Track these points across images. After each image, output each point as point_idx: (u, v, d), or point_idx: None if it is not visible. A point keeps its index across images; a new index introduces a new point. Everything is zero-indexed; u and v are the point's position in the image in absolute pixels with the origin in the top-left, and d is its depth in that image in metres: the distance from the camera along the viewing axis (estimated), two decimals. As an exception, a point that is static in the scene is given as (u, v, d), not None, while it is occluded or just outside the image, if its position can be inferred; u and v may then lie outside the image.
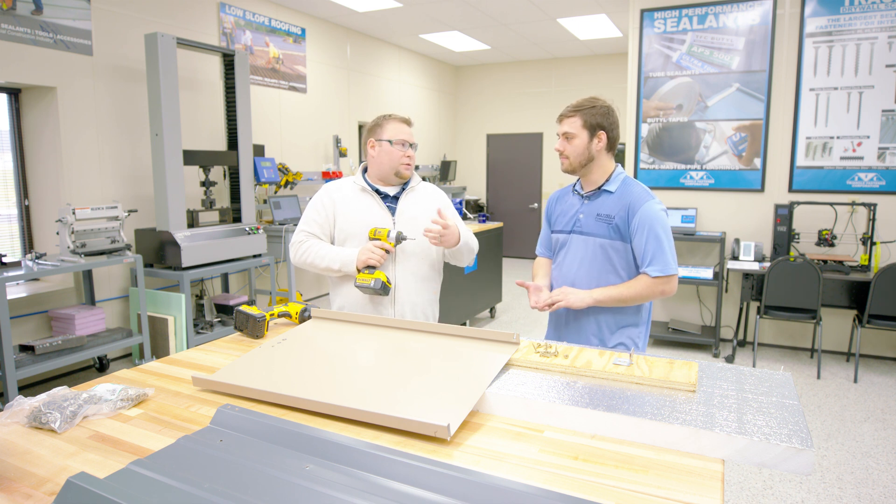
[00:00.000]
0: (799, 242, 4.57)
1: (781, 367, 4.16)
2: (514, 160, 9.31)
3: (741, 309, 4.78)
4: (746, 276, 4.54)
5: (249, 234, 4.67)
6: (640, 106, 5.08)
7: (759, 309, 4.36)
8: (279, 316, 1.92)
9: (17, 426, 1.19)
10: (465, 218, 6.56)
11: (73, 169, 4.16)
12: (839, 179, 4.54)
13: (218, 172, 4.99)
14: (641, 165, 5.15)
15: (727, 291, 4.93)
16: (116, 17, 4.39)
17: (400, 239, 2.00)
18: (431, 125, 8.93)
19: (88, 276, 4.13)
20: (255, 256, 4.78)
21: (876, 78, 4.36)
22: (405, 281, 2.07)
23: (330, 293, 2.20)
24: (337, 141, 6.71)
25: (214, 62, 5.13)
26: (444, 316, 2.37)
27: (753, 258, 4.63)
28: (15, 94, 4.09)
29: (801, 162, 4.63)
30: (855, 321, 4.40)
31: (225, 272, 4.82)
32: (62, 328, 3.89)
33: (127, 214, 4.05)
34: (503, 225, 6.20)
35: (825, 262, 4.38)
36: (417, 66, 8.46)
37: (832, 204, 4.45)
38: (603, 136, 1.92)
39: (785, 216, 4.46)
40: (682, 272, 4.64)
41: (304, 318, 1.89)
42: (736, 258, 4.69)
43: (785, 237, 4.47)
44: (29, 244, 4.20)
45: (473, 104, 9.51)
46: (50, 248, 4.08)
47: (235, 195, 4.88)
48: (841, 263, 4.33)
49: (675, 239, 1.93)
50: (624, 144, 5.17)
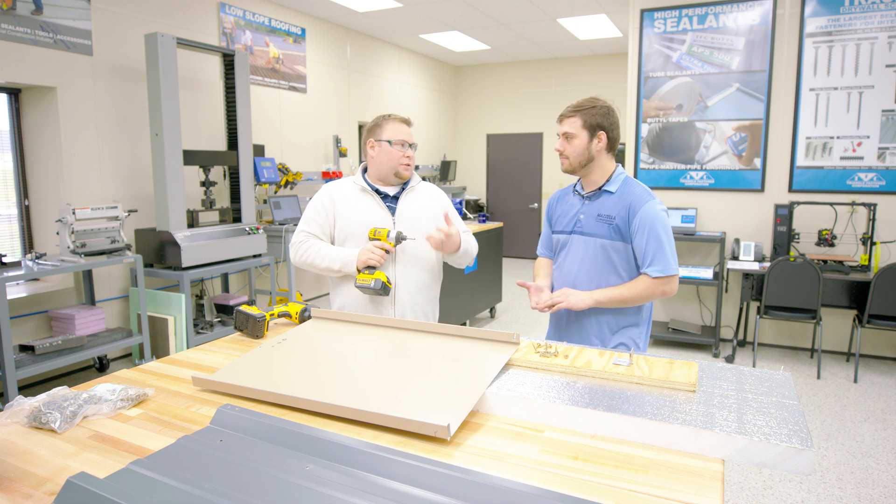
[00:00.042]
0: (799, 242, 4.57)
1: (781, 367, 4.16)
2: (514, 160, 9.31)
3: (741, 309, 4.78)
4: (746, 276, 4.54)
5: (249, 234, 4.67)
6: (640, 106, 5.08)
7: (759, 309, 4.36)
8: (279, 316, 1.92)
9: (17, 426, 1.19)
10: (465, 218, 6.56)
11: (73, 169, 4.16)
12: (839, 179, 4.54)
13: (218, 172, 4.99)
14: (641, 165, 5.15)
15: (727, 291, 4.93)
16: (116, 17, 4.39)
17: (400, 239, 2.00)
18: (431, 125, 8.93)
19: (88, 276, 4.14)
20: (255, 256, 4.78)
21: (876, 78, 4.36)
22: (405, 281, 2.07)
23: (330, 293, 2.20)
24: (337, 141, 6.71)
25: (214, 62, 5.13)
26: (444, 316, 2.37)
27: (753, 258, 4.63)
28: (15, 94, 4.09)
29: (801, 162, 4.64)
30: (855, 321, 4.40)
31: (225, 272, 4.82)
32: (62, 328, 3.89)
33: (127, 214, 4.05)
34: (503, 225, 6.20)
35: (825, 262, 4.38)
36: (417, 66, 8.46)
37: (832, 204, 4.45)
38: (603, 136, 1.92)
39: (785, 216, 4.46)
40: (682, 272, 4.64)
41: (304, 318, 1.89)
42: (736, 258, 4.69)
43: (785, 237, 4.47)
44: (29, 244, 4.20)
45: (473, 104, 9.50)
46: (50, 248, 4.09)
47: (235, 195, 4.89)
48: (841, 263, 4.33)
49: (675, 239, 1.93)
50: (624, 144, 5.17)
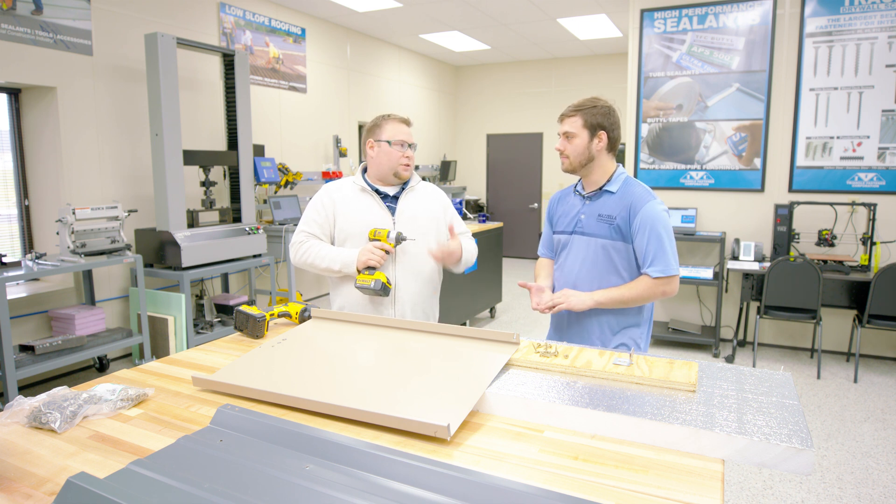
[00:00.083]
0: (799, 242, 4.56)
1: (781, 367, 4.16)
2: (514, 160, 9.31)
3: (741, 309, 4.78)
4: (746, 276, 4.54)
5: (249, 234, 4.67)
6: (640, 106, 5.08)
7: (759, 309, 4.36)
8: (279, 316, 1.92)
9: (17, 426, 1.19)
10: (465, 218, 6.55)
11: (73, 169, 4.16)
12: (839, 179, 4.54)
13: (218, 172, 4.99)
14: (641, 165, 5.15)
15: (727, 291, 4.93)
16: (116, 17, 4.39)
17: (400, 240, 2.00)
18: (431, 125, 8.93)
19: (88, 276, 4.14)
20: (255, 256, 4.78)
21: (876, 78, 4.36)
22: (405, 281, 2.07)
23: (330, 293, 2.20)
24: (337, 141, 6.71)
25: (214, 62, 5.13)
26: (444, 316, 2.37)
27: (753, 258, 4.63)
28: (15, 94, 4.09)
29: (801, 162, 4.63)
30: (855, 321, 4.40)
31: (225, 272, 4.82)
32: (62, 328, 3.89)
33: (127, 214, 4.05)
34: (503, 225, 6.20)
35: (825, 262, 4.38)
36: (417, 66, 8.46)
37: (832, 204, 4.45)
38: (603, 135, 1.92)
39: (785, 216, 4.46)
40: (682, 272, 4.63)
41: (304, 318, 1.89)
42: (736, 258, 4.69)
43: (785, 237, 4.47)
44: (29, 244, 4.20)
45: (473, 104, 9.50)
46: (50, 248, 4.08)
47: (235, 195, 4.89)
48: (841, 263, 4.33)
49: (675, 239, 1.93)
50: (624, 144, 5.17)
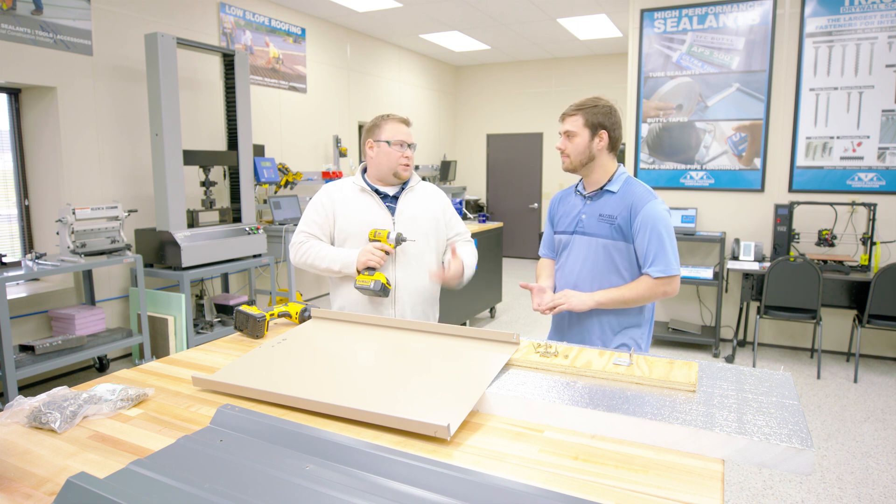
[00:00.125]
0: (799, 242, 4.56)
1: (781, 367, 4.16)
2: (514, 160, 9.31)
3: (741, 309, 4.78)
4: (746, 276, 4.54)
5: (249, 234, 4.67)
6: (640, 106, 5.08)
7: (759, 309, 4.36)
8: (279, 316, 1.92)
9: (17, 426, 1.19)
10: (465, 218, 6.56)
11: (73, 169, 4.16)
12: (839, 179, 4.54)
13: (218, 172, 4.99)
14: (641, 165, 5.15)
15: (727, 291, 4.93)
16: (116, 17, 4.39)
17: (400, 240, 2.00)
18: (431, 125, 8.93)
19: (88, 276, 4.14)
20: (255, 256, 4.78)
21: (876, 78, 4.36)
22: (405, 282, 2.07)
23: (330, 293, 2.19)
24: (337, 141, 6.71)
25: (214, 62, 5.13)
26: (444, 316, 2.36)
27: (753, 258, 4.63)
28: (15, 94, 4.09)
29: (801, 162, 4.63)
30: (855, 321, 4.40)
31: (225, 272, 4.82)
32: (62, 328, 3.89)
33: (127, 214, 4.05)
34: (503, 225, 6.20)
35: (825, 262, 4.38)
36: (417, 66, 8.46)
37: (832, 204, 4.45)
38: (604, 135, 1.92)
39: (785, 216, 4.46)
40: (682, 272, 4.63)
41: (304, 318, 1.89)
42: (736, 258, 4.69)
43: (785, 237, 4.47)
44: (29, 244, 4.20)
45: (473, 104, 9.50)
46: (50, 248, 4.08)
47: (235, 195, 4.89)
48: (841, 263, 4.33)
49: (675, 239, 1.93)
50: (624, 144, 5.17)
